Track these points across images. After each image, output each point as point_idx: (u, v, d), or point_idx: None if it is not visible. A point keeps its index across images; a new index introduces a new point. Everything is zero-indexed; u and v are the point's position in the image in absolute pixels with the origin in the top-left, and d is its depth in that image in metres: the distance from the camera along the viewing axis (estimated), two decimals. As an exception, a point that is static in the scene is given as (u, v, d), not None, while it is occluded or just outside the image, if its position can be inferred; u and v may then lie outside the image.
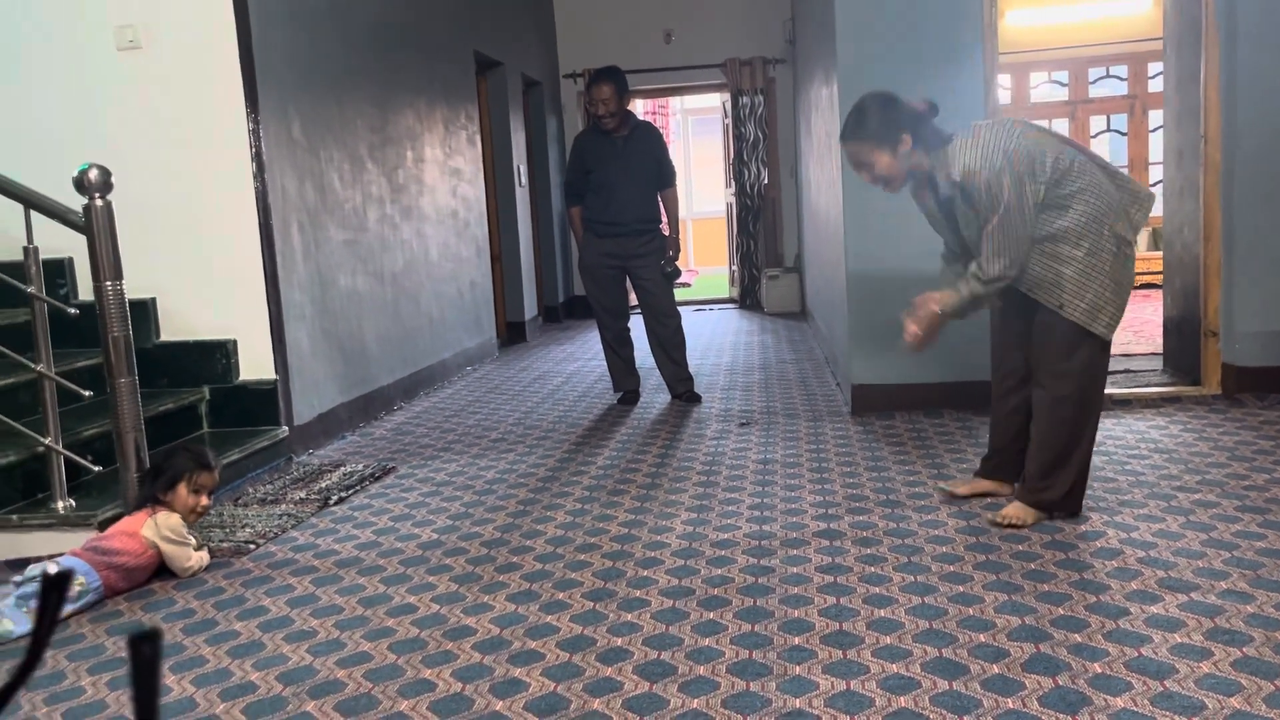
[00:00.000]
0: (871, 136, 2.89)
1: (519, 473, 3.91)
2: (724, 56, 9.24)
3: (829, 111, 5.16)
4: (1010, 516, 2.95)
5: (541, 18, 9.07)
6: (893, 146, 2.87)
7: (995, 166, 2.77)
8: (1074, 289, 2.83)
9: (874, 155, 2.91)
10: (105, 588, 2.73)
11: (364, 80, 5.13)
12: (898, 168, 2.91)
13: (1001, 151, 2.78)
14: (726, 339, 7.56)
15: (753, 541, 2.97)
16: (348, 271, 4.83)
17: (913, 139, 2.87)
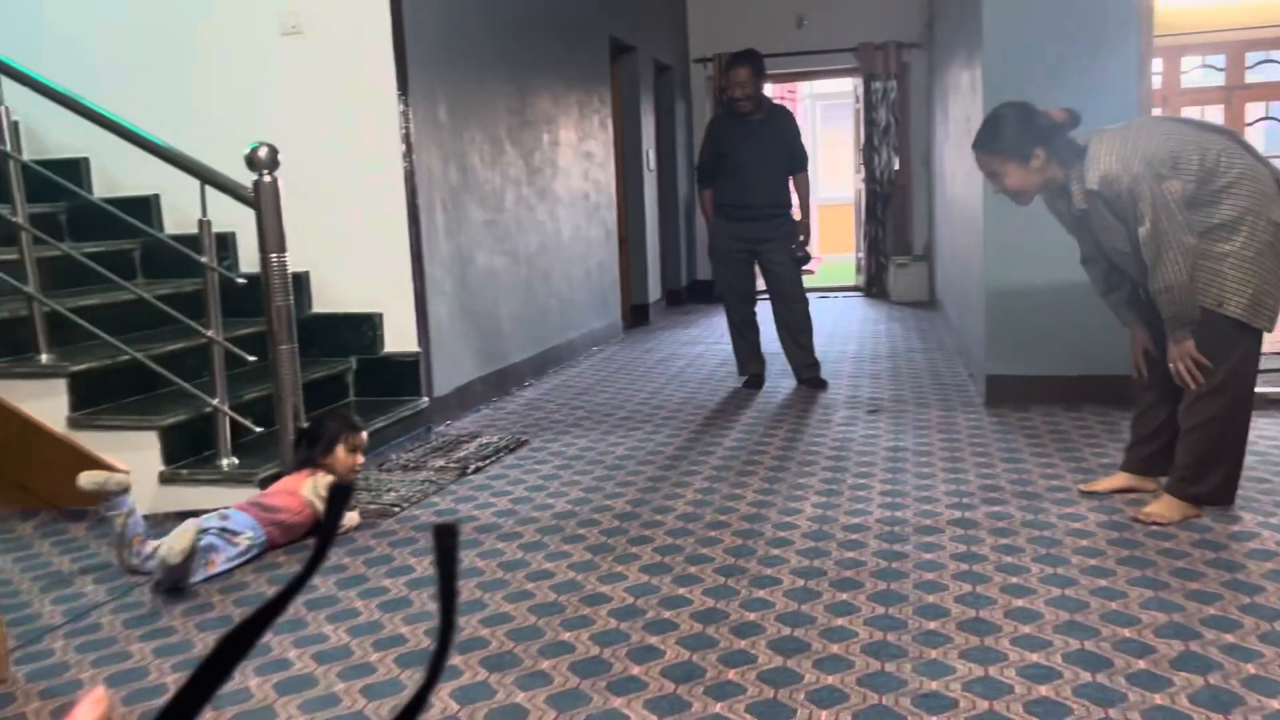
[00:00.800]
0: (1003, 149, 2.84)
1: (647, 450, 3.98)
2: (857, 41, 9.10)
3: (970, 96, 5.05)
4: (1155, 514, 2.87)
5: (674, 3, 9.10)
6: (1024, 160, 2.81)
7: (1134, 172, 2.68)
8: (1236, 285, 2.72)
9: (1005, 167, 2.85)
10: (267, 541, 2.91)
11: (505, 63, 5.26)
12: (1029, 181, 2.85)
13: (1140, 157, 2.69)
14: (852, 326, 7.48)
15: (885, 527, 2.97)
16: (486, 250, 4.98)
17: (1047, 153, 2.80)
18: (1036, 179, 2.84)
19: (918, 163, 9.17)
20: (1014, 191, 2.90)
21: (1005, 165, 2.85)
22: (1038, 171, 2.82)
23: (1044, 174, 2.83)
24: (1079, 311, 4.26)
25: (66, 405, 3.31)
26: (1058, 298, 4.34)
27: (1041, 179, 2.84)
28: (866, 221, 9.51)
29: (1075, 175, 2.79)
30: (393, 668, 2.21)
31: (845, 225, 11.02)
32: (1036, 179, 2.84)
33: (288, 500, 2.96)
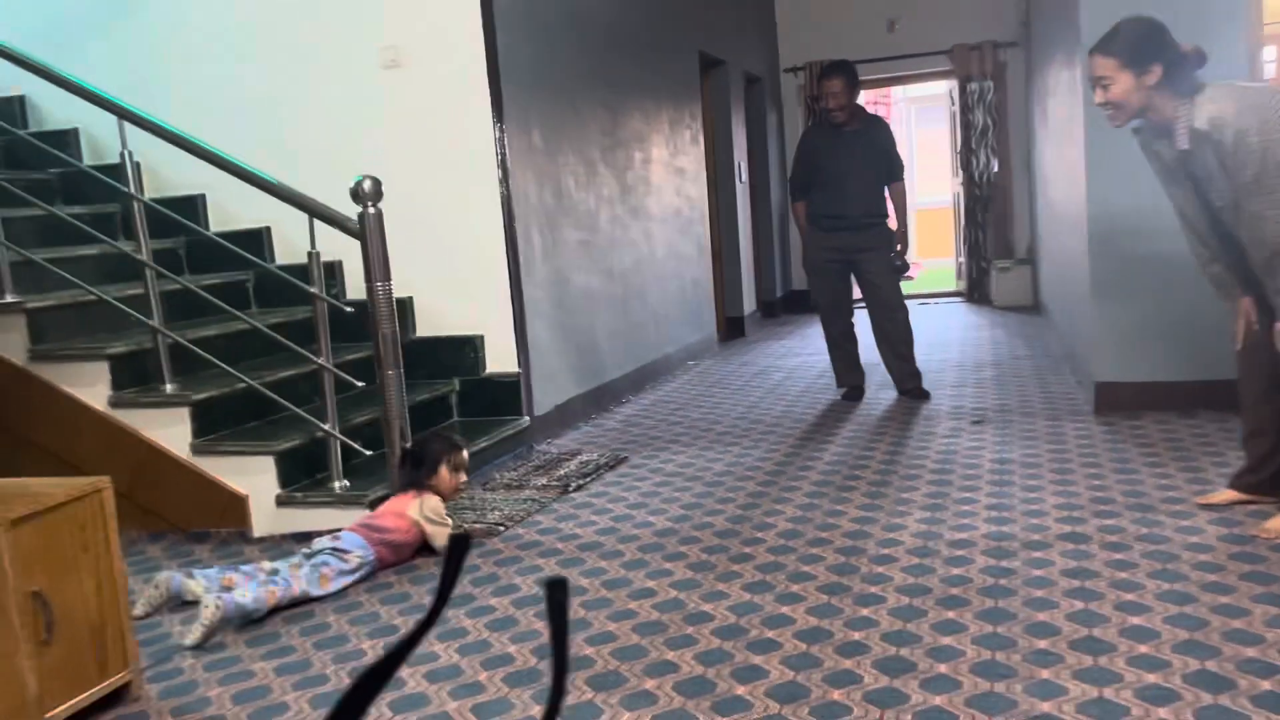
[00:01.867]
0: (1121, 53, 2.72)
1: (746, 465, 3.98)
2: (951, 43, 8.94)
3: (1069, 95, 4.93)
4: (1276, 529, 2.75)
5: (762, 13, 9.09)
6: (1139, 72, 2.69)
7: (1244, 122, 2.57)
8: None
9: (1116, 73, 2.72)
10: (377, 561, 3.00)
11: (596, 85, 5.34)
12: (1135, 97, 2.72)
13: (1255, 113, 2.58)
14: (954, 334, 7.34)
15: (992, 543, 2.91)
16: (581, 270, 5.05)
17: (1163, 74, 2.68)
18: (1142, 96, 2.71)
19: (1018, 164, 8.95)
20: (1116, 103, 2.75)
21: (1118, 72, 2.72)
22: (1148, 89, 2.69)
23: (1153, 96, 2.70)
24: (1192, 312, 4.11)
25: (190, 432, 3.48)
26: (1168, 299, 4.19)
27: (1147, 99, 2.71)
28: (966, 225, 9.32)
29: (1183, 113, 2.67)
30: (501, 687, 2.26)
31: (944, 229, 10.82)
32: (1142, 96, 2.71)
33: (396, 521, 3.06)
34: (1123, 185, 4.21)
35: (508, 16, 4.40)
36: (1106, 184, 4.26)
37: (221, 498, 3.44)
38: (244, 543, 3.44)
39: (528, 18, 4.61)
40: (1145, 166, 4.06)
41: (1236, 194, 2.64)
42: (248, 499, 3.43)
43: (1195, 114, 2.65)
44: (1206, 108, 2.63)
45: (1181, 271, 4.11)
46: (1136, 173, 4.13)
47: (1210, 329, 4.14)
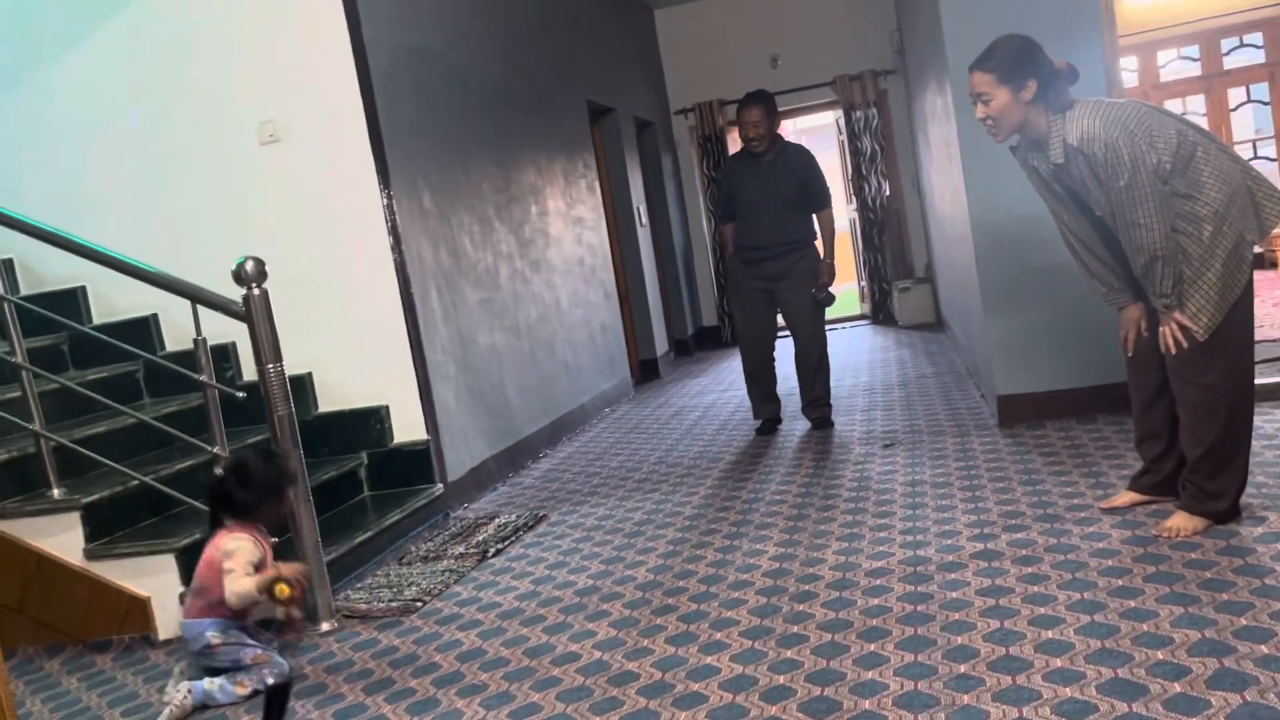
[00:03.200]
0: (998, 69, 2.82)
1: (666, 512, 3.96)
2: (833, 74, 9.18)
3: (945, 119, 5.08)
4: (1176, 528, 2.82)
5: (648, 59, 9.22)
6: (1016, 87, 2.79)
7: (1113, 136, 2.69)
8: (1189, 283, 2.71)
9: (994, 89, 2.82)
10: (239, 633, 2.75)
11: (485, 142, 5.34)
12: (1013, 112, 2.82)
13: (1119, 123, 2.70)
14: (863, 357, 7.46)
15: (908, 568, 2.93)
16: (485, 329, 5.01)
17: (1038, 89, 2.79)
18: (1019, 111, 2.81)
19: (908, 186, 9.21)
20: (995, 118, 2.85)
21: (996, 88, 2.82)
22: (1025, 105, 2.80)
23: (1029, 110, 2.81)
24: (1081, 320, 4.25)
25: (82, 537, 3.32)
26: (1057, 309, 4.33)
27: (1024, 113, 2.81)
28: (864, 249, 9.53)
29: (1057, 128, 2.78)
30: (423, 774, 2.18)
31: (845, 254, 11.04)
32: (1019, 111, 2.81)
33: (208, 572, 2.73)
34: (1001, 202, 4.34)
35: (387, 82, 4.37)
36: (986, 202, 4.40)
37: (121, 603, 3.29)
38: (149, 648, 3.29)
39: (408, 81, 4.59)
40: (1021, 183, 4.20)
41: (1112, 204, 2.74)
42: (149, 601, 3.28)
43: (1067, 129, 2.76)
44: (1078, 124, 2.73)
45: (1067, 281, 4.25)
46: (1013, 190, 4.28)
47: (1099, 334, 4.28)
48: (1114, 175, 2.69)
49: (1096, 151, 2.70)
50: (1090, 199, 2.83)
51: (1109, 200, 2.75)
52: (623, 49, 8.40)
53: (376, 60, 4.30)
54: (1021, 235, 4.32)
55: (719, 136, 9.29)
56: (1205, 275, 2.71)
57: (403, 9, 4.66)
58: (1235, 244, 2.70)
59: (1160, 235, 2.68)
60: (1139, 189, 2.67)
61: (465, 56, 5.27)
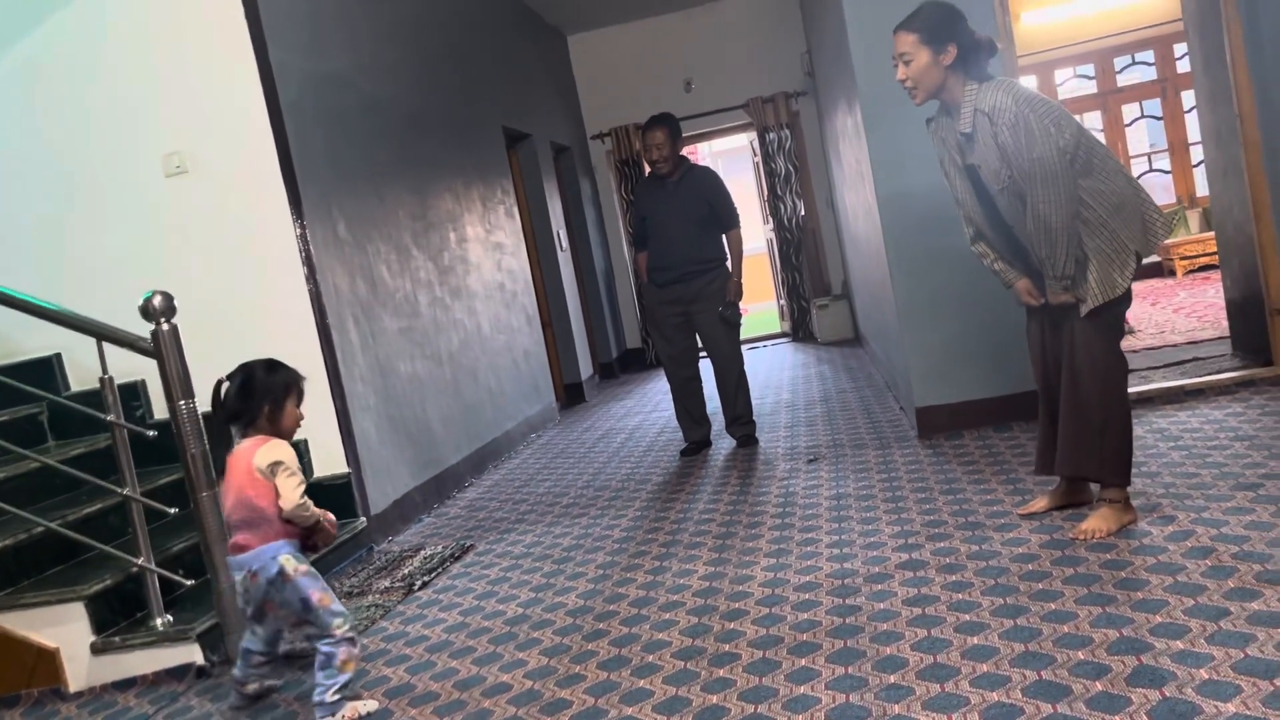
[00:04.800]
0: (921, 30, 2.90)
1: (594, 536, 3.94)
2: (746, 96, 9.33)
3: (856, 139, 5.19)
4: (1091, 529, 2.90)
5: (563, 84, 9.26)
6: (937, 50, 2.88)
7: (1023, 111, 2.78)
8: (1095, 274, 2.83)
9: (916, 50, 2.90)
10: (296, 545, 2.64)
11: (401, 170, 5.28)
12: (932, 74, 2.90)
13: (1030, 102, 2.80)
14: (784, 374, 7.55)
15: (835, 581, 2.96)
16: (406, 358, 4.94)
17: (958, 55, 2.88)
18: (939, 75, 2.90)
19: (822, 205, 9.37)
20: (915, 79, 2.93)
21: (918, 48, 2.90)
22: (944, 68, 2.89)
23: (948, 76, 2.89)
24: (994, 330, 4.36)
25: (-15, 589, 3.17)
26: (970, 320, 4.43)
27: (942, 79, 2.90)
28: (782, 268, 9.66)
29: (970, 97, 2.88)
30: (352, 817, 2.12)
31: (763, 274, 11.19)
32: (939, 75, 2.90)
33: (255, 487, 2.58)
34: (913, 219, 4.45)
35: (298, 111, 4.30)
36: (897, 219, 4.49)
37: (28, 655, 3.14)
38: (60, 700, 3.14)
39: (319, 109, 4.53)
40: (932, 198, 4.31)
41: (1018, 177, 2.81)
42: (58, 653, 3.14)
43: (980, 98, 2.85)
44: (992, 94, 2.83)
45: (980, 294, 4.36)
46: (924, 206, 4.38)
47: (1012, 345, 4.39)
48: (1023, 146, 2.77)
49: (1007, 120, 2.79)
50: (989, 173, 2.90)
51: (1014, 174, 2.82)
52: (537, 75, 8.41)
53: (286, 88, 4.23)
54: (934, 250, 4.42)
55: (636, 160, 9.35)
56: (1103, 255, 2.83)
57: (312, 36, 4.61)
58: (1119, 248, 2.82)
59: (1067, 212, 2.77)
60: (1047, 164, 2.75)
61: (378, 83, 5.22)
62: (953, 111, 2.96)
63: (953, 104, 2.94)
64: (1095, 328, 2.89)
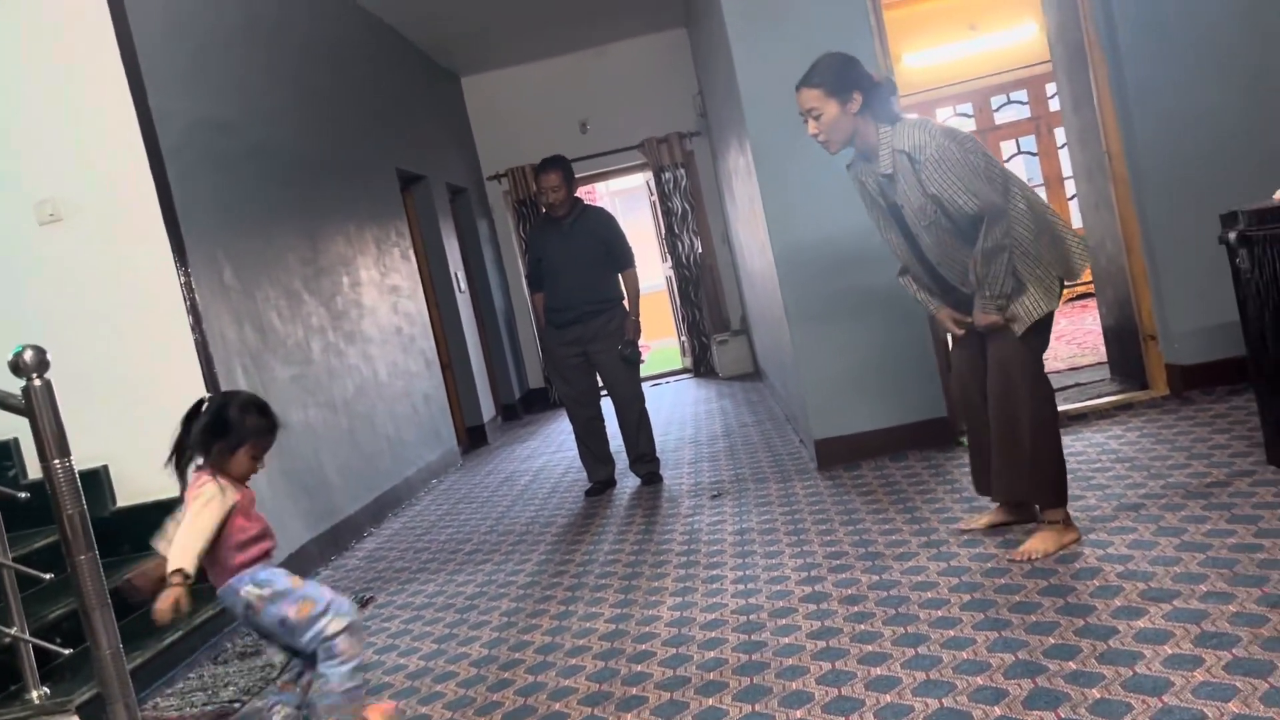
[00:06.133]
0: (824, 83, 2.95)
1: (498, 583, 3.87)
2: (641, 137, 9.44)
3: (748, 178, 5.28)
4: (1029, 550, 2.94)
5: (457, 126, 9.23)
6: (843, 100, 2.93)
7: (944, 142, 2.85)
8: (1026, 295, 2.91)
9: (823, 104, 2.95)
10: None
11: (292, 214, 5.17)
12: (843, 124, 2.96)
13: (948, 134, 2.89)
14: (686, 410, 7.59)
15: (741, 617, 2.96)
16: (299, 406, 4.81)
17: (864, 101, 2.93)
18: (849, 124, 2.95)
19: (719, 242, 9.51)
20: (827, 131, 2.98)
21: (824, 103, 2.95)
22: (853, 116, 2.94)
23: (858, 122, 2.95)
24: (888, 362, 4.46)
25: None
26: (866, 352, 4.53)
27: (853, 126, 2.95)
28: (682, 305, 9.76)
29: (886, 139, 2.92)
30: None
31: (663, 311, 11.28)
32: (849, 124, 2.95)
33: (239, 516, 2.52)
34: (805, 254, 4.54)
35: (180, 156, 4.18)
36: (790, 254, 4.58)
37: (-114, 740, 2.92)
38: (-78, 787, 2.93)
39: (203, 154, 4.41)
40: (824, 233, 4.42)
41: (950, 211, 2.85)
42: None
43: (896, 139, 2.91)
44: (909, 133, 2.89)
45: (872, 326, 4.47)
46: (816, 241, 4.49)
47: (905, 376, 4.51)
48: (947, 172, 2.82)
49: (929, 155, 2.83)
50: (912, 211, 2.95)
51: (945, 208, 2.86)
52: (431, 117, 8.37)
53: (166, 133, 4.10)
54: (827, 284, 4.52)
55: (533, 201, 9.35)
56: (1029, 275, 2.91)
57: (194, 80, 4.49)
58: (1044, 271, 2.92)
59: (1008, 237, 2.84)
60: (984, 195, 2.81)
61: (266, 127, 5.11)
62: (870, 155, 3.00)
63: (868, 148, 2.99)
64: (1023, 350, 2.96)
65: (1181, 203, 4.34)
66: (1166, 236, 4.41)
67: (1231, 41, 4.29)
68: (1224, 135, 4.31)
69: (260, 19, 5.30)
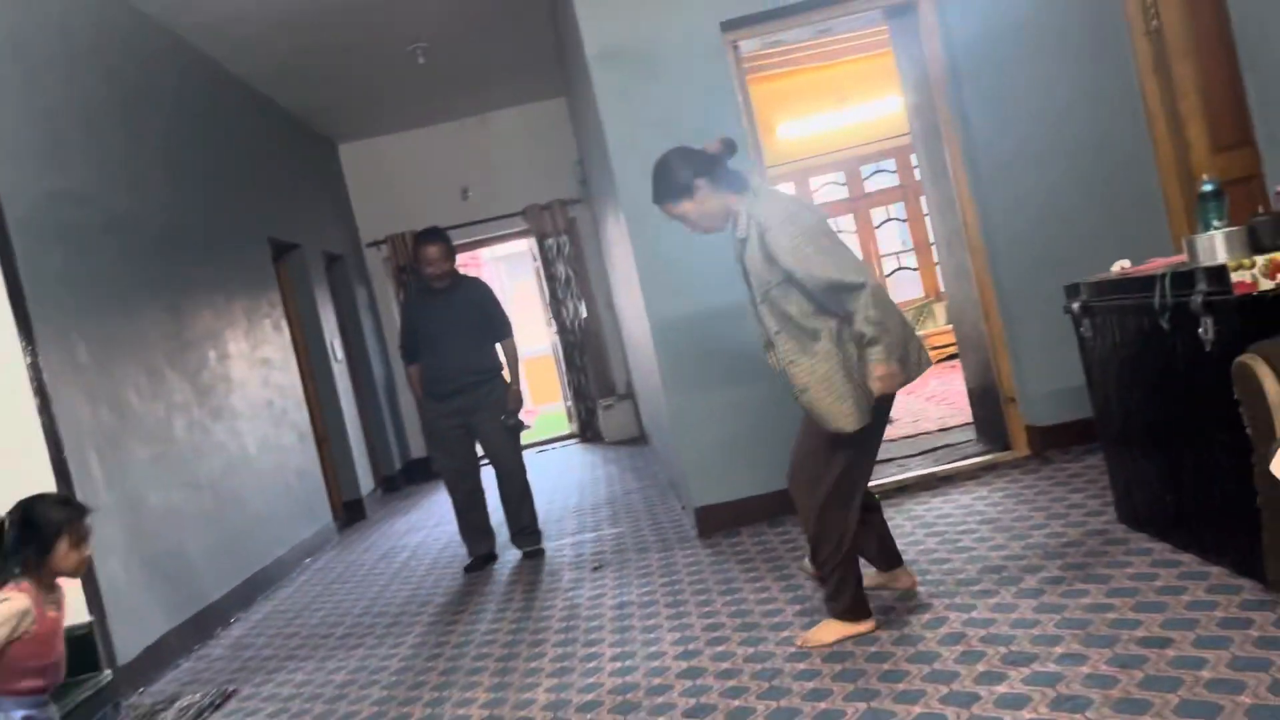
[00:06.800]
0: (667, 194, 3.00)
1: (370, 669, 3.73)
2: (523, 204, 9.47)
3: (625, 245, 5.33)
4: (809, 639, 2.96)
5: (334, 192, 9.10)
6: (690, 195, 2.96)
7: (792, 210, 2.88)
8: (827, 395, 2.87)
9: (679, 209, 3.00)
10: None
11: (154, 287, 4.98)
12: (705, 211, 2.99)
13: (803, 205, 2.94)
14: (571, 477, 7.53)
15: (617, 697, 2.91)
16: (160, 488, 4.58)
17: (709, 182, 2.95)
18: (709, 206, 2.98)
19: (603, 307, 9.56)
20: (697, 225, 3.03)
21: (678, 207, 2.99)
22: (706, 200, 2.97)
23: (713, 201, 2.97)
24: (765, 428, 4.51)
25: None
26: (741, 420, 4.58)
27: (714, 205, 2.98)
28: (568, 370, 9.74)
29: (743, 206, 2.95)
30: None
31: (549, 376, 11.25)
32: (709, 206, 2.98)
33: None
34: (681, 322, 4.59)
35: (28, 228, 3.99)
36: (665, 322, 4.62)
37: None
38: None
39: (57, 228, 4.22)
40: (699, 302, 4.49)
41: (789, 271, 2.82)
42: None
43: (753, 205, 2.93)
44: (759, 205, 2.91)
45: (747, 393, 4.53)
46: (690, 309, 4.55)
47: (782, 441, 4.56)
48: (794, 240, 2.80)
49: (773, 224, 2.84)
50: (753, 278, 2.95)
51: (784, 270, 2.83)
52: (306, 184, 8.24)
53: (14, 206, 3.92)
54: (703, 351, 4.57)
55: (414, 268, 9.25)
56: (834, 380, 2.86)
57: (46, 150, 4.31)
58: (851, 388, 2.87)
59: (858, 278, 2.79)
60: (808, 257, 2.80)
61: (127, 198, 4.93)
62: (734, 221, 3.01)
63: (733, 215, 3.00)
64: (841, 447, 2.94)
65: (1033, 272, 4.55)
66: (1020, 304, 4.62)
67: (1076, 118, 4.55)
68: (1070, 208, 4.55)
69: (123, 88, 5.14)
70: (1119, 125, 4.53)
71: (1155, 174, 4.51)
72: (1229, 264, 2.51)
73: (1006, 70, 4.57)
